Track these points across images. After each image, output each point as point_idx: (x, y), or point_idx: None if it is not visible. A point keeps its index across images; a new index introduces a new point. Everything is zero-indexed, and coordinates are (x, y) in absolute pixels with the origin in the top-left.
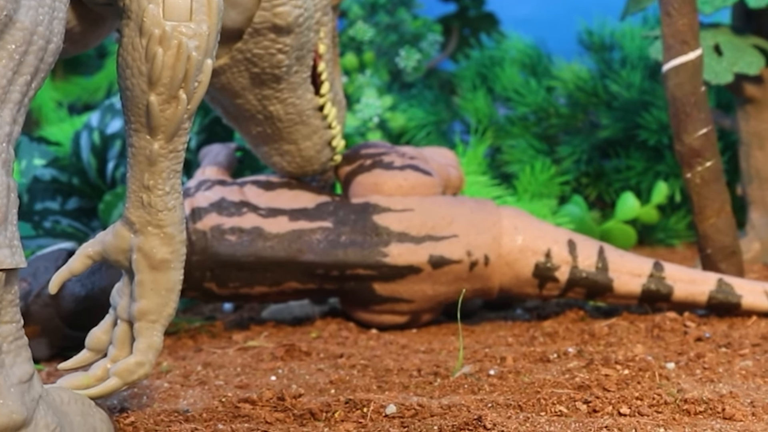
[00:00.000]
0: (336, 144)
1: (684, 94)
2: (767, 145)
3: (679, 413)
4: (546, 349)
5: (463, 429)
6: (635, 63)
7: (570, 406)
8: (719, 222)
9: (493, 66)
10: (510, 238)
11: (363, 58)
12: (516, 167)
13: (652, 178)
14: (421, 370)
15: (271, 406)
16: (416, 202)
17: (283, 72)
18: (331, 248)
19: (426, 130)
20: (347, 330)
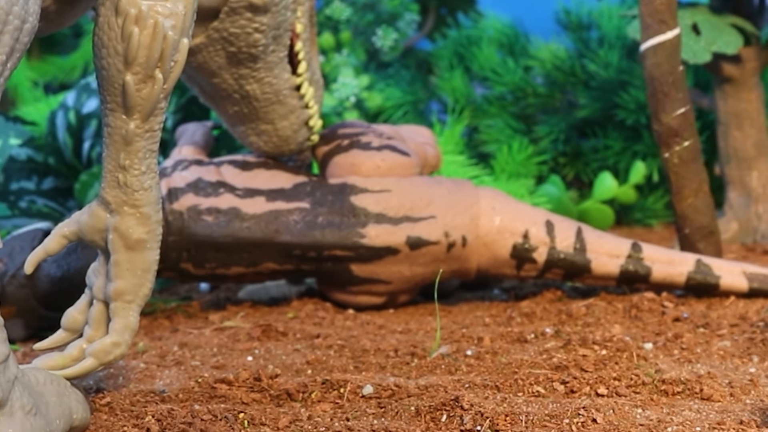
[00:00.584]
0: (313, 124)
1: (662, 74)
2: (745, 125)
3: (657, 394)
4: (523, 329)
5: (440, 409)
6: (613, 42)
7: (547, 386)
8: (697, 202)
9: (471, 45)
10: (488, 219)
11: (340, 38)
12: (493, 147)
13: (629, 157)
14: (398, 350)
15: (247, 386)
16: (394, 183)
17: (259, 51)
18: (308, 229)
19: (403, 109)
20: (324, 310)
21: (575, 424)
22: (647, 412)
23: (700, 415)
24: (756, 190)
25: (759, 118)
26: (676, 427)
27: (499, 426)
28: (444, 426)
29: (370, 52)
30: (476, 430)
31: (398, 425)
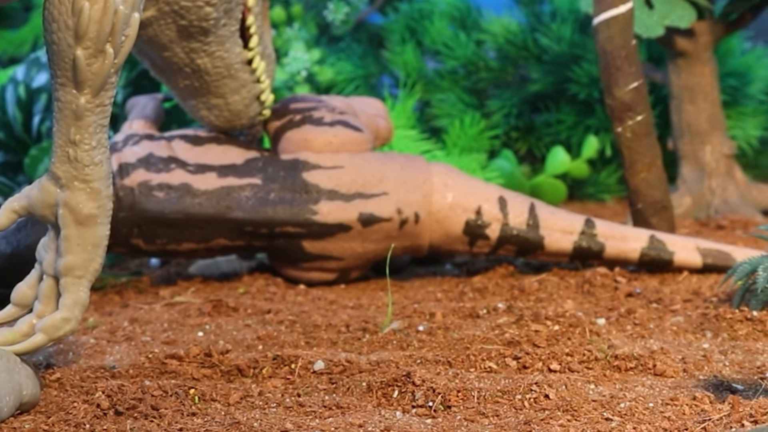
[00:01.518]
0: (265, 98)
1: (615, 48)
2: (698, 99)
3: (610, 369)
4: (475, 304)
5: (391, 385)
6: (566, 16)
7: (500, 362)
8: (650, 177)
9: (422, 19)
10: (440, 195)
11: (291, 12)
12: (445, 121)
13: (582, 132)
14: (350, 326)
15: (198, 362)
16: (346, 159)
17: (210, 25)
18: (260, 205)
19: (354, 83)
20: (275, 285)
21: (527, 400)
22: (600, 387)
23: (653, 391)
24: (709, 164)
25: (712, 92)
26: (629, 403)
27: (451, 402)
28: (396, 402)
29: (321, 26)
30: (428, 405)
31: (350, 401)
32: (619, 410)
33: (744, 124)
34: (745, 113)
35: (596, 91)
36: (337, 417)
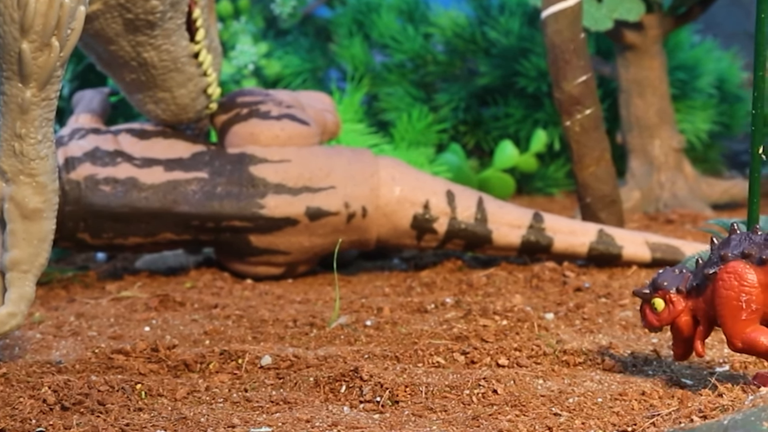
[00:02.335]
0: (211, 92)
1: (563, 41)
2: (647, 93)
3: (558, 364)
4: (423, 299)
5: (339, 380)
6: (514, 9)
7: (448, 357)
8: (599, 170)
9: (370, 12)
10: (388, 189)
11: (238, 5)
12: (393, 115)
13: (530, 126)
14: (297, 320)
15: (144, 357)
16: (293, 152)
17: (157, 18)
18: (206, 199)
19: (302, 77)
20: (222, 280)
21: (476, 395)
22: (548, 383)
23: (601, 386)
24: (658, 158)
25: (661, 86)
26: (578, 398)
27: (398, 397)
28: (343, 397)
29: (268, 20)
30: (376, 401)
31: (297, 396)
32: (567, 405)
33: (693, 118)
34: (694, 107)
35: (545, 84)
36: (285, 412)
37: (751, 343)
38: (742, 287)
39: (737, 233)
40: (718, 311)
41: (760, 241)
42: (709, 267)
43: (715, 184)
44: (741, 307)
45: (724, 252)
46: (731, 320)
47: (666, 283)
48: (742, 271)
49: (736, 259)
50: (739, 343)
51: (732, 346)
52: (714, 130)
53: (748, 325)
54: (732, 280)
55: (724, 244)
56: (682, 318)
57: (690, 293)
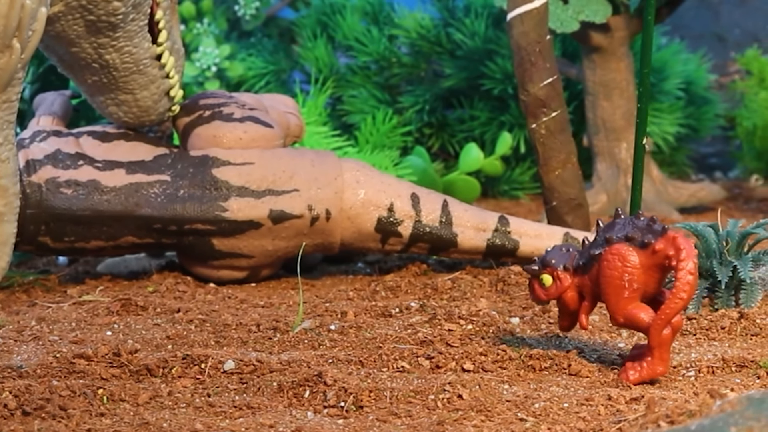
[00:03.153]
0: (174, 94)
1: (529, 43)
2: (614, 95)
3: (524, 369)
4: (388, 303)
5: (303, 385)
6: (479, 11)
7: (412, 361)
8: (565, 173)
9: (334, 14)
10: (352, 192)
11: (201, 6)
12: (357, 118)
13: (496, 128)
14: (260, 325)
15: (106, 361)
16: (256, 155)
17: (119, 20)
18: (168, 202)
19: (265, 79)
20: (185, 284)
21: (441, 400)
22: (514, 387)
23: (567, 391)
24: (625, 161)
25: (628, 88)
26: (544, 403)
27: (363, 402)
28: (307, 402)
29: (231, 21)
30: (340, 406)
31: (260, 401)
32: (533, 410)
33: (660, 121)
34: (662, 109)
35: (510, 86)
36: (248, 417)
37: (632, 319)
38: (624, 268)
39: (621, 218)
40: (603, 289)
41: (642, 225)
42: (595, 248)
43: (683, 187)
44: (623, 285)
45: (609, 235)
46: (614, 297)
47: (554, 260)
48: (625, 253)
49: (620, 242)
50: (621, 319)
51: (614, 321)
52: (681, 133)
53: (630, 303)
54: (616, 261)
55: (609, 227)
56: (568, 293)
57: (576, 271)
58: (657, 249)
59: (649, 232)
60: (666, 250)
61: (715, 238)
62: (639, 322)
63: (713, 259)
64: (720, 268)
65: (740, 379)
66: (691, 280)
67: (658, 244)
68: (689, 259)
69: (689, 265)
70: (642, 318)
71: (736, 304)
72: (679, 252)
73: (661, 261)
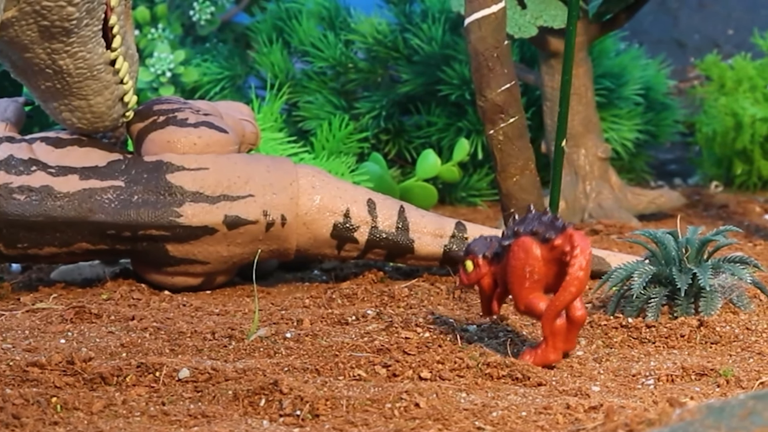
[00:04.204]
0: (128, 100)
1: (486, 48)
2: (572, 101)
3: (482, 377)
4: (344, 311)
5: (258, 394)
6: (436, 16)
7: (369, 370)
8: (523, 180)
9: (290, 19)
10: (308, 197)
11: (155, 11)
12: (313, 124)
13: (453, 134)
14: (216, 333)
15: (60, 370)
16: (211, 160)
17: (72, 25)
18: (122, 208)
19: (220, 85)
20: (139, 291)
21: (397, 409)
22: (471, 396)
23: (525, 400)
24: (583, 168)
25: (587, 94)
26: (501, 412)
27: (319, 410)
28: (262, 410)
29: (186, 26)
30: (295, 414)
31: (215, 409)
32: (491, 419)
33: (619, 127)
34: (620, 115)
35: (468, 92)
36: (203, 426)
37: (530, 307)
38: (528, 260)
39: (531, 213)
40: (508, 278)
41: (547, 222)
42: (506, 240)
43: (642, 194)
44: (526, 276)
45: (518, 228)
46: (517, 287)
47: (476, 249)
48: (529, 246)
49: (526, 236)
50: (522, 306)
51: (517, 308)
52: (640, 139)
53: (531, 292)
54: (520, 253)
55: (520, 222)
56: (485, 280)
57: (492, 260)
58: (556, 244)
59: (551, 228)
60: (563, 246)
61: (674, 245)
62: (536, 310)
63: (673, 266)
64: (679, 275)
65: (700, 387)
66: (581, 275)
67: (557, 240)
68: (582, 256)
69: (581, 261)
70: (539, 307)
71: (695, 311)
72: (574, 249)
73: (559, 256)
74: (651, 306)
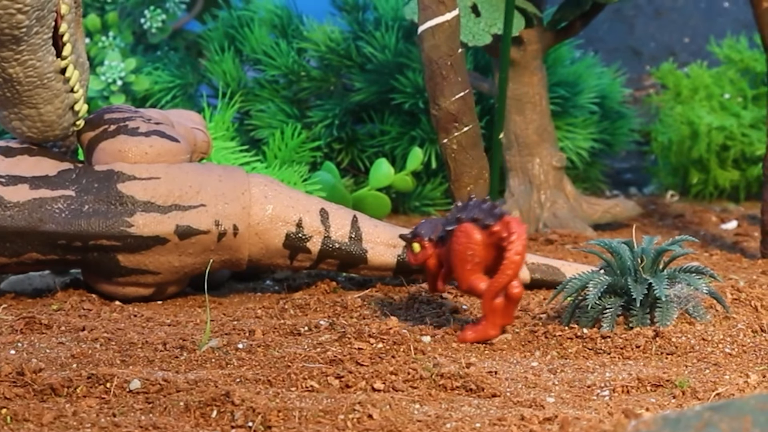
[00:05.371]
0: (79, 108)
1: (440, 57)
2: (527, 110)
3: (435, 389)
4: (297, 321)
5: (210, 405)
6: (390, 24)
7: (322, 381)
8: (477, 189)
9: (242, 27)
10: (260, 207)
11: (106, 19)
12: (265, 132)
13: (407, 143)
14: (167, 343)
15: (10, 381)
16: (162, 169)
17: (22, 33)
18: (73, 218)
19: (172, 93)
20: (90, 302)
21: (350, 420)
22: (425, 407)
23: (480, 411)
24: (538, 177)
25: (541, 102)
26: (455, 423)
27: (271, 422)
28: (214, 422)
29: (137, 34)
30: (248, 426)
31: (167, 421)
32: (444, 431)
33: (574, 136)
34: (575, 124)
35: (421, 101)
36: None
37: (472, 287)
38: (469, 244)
39: (472, 201)
40: (451, 260)
41: (486, 209)
42: (449, 225)
43: (597, 204)
44: (467, 259)
45: (460, 215)
46: (460, 268)
47: (423, 231)
48: (471, 232)
49: (468, 222)
50: (464, 286)
51: (460, 288)
52: (595, 148)
53: (472, 274)
54: (462, 238)
55: (462, 208)
56: (430, 261)
57: (438, 242)
58: (494, 230)
59: (490, 215)
60: (501, 233)
61: (629, 255)
62: (477, 290)
63: (628, 276)
64: (635, 285)
65: (655, 398)
66: (517, 259)
67: (495, 226)
68: (518, 242)
69: (518, 246)
70: (480, 287)
71: (651, 322)
72: (511, 235)
73: (497, 241)
74: (606, 316)
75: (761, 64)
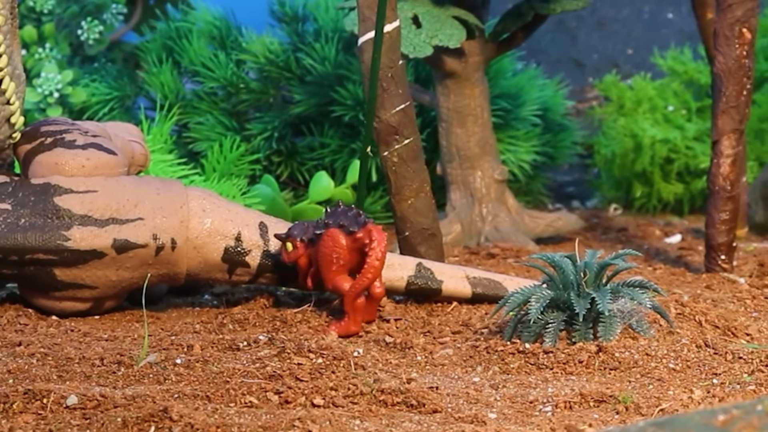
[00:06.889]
0: (15, 121)
1: (381, 68)
2: (468, 122)
3: (376, 404)
4: (236, 336)
5: (148, 421)
6: (330, 35)
7: (261, 396)
8: (418, 203)
9: (180, 38)
10: (198, 220)
11: (43, 30)
12: (204, 145)
13: (347, 156)
14: (104, 359)
15: None
16: (100, 182)
17: None
18: (9, 231)
19: (109, 105)
20: (26, 317)
21: None
22: (365, 423)
23: (420, 427)
24: (479, 190)
25: (483, 115)
26: None
27: None
28: None
29: (74, 46)
30: None
31: None
32: None
33: (516, 148)
34: (517, 137)
35: (362, 113)
36: None
37: (337, 287)
38: (335, 248)
39: (339, 208)
40: (319, 262)
41: (351, 216)
42: (318, 229)
43: (539, 217)
44: (333, 261)
45: (328, 220)
46: (326, 270)
47: (295, 232)
48: (336, 237)
49: (335, 227)
50: (330, 286)
51: (326, 287)
52: (537, 161)
53: (337, 275)
54: (329, 242)
55: (331, 214)
56: (301, 260)
57: (308, 244)
58: (358, 237)
59: (355, 222)
60: (364, 239)
61: (572, 269)
62: (341, 290)
63: (571, 291)
64: (578, 300)
65: (599, 414)
66: (376, 264)
67: (359, 233)
68: (378, 248)
69: (378, 252)
70: (344, 287)
71: (594, 337)
72: (372, 241)
73: (360, 246)
74: (549, 331)
75: (705, 75)
